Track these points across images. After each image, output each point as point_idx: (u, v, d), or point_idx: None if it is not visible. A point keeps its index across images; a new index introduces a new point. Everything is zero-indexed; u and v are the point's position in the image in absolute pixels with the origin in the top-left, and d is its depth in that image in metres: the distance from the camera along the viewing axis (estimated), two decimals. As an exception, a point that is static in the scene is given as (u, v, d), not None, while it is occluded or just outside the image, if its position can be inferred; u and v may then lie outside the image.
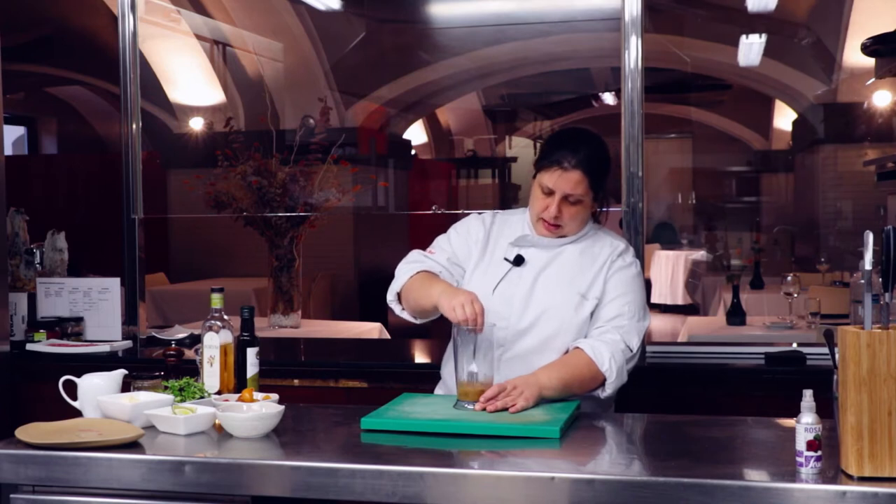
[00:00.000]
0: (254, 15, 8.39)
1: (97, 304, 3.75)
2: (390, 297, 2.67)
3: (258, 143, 4.94)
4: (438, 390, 2.73)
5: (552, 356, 2.49)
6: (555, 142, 2.57)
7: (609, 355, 2.44)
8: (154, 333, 3.96)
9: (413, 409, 2.31)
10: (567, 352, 2.51)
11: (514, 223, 2.68)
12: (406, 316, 2.65)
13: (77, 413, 2.38)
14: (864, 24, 7.20)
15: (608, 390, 2.47)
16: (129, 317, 3.93)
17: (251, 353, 2.51)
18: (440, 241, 2.73)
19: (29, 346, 3.59)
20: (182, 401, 2.35)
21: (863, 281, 1.88)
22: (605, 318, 2.52)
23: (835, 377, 1.88)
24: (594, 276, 2.55)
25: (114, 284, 3.79)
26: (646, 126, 3.44)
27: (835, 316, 4.50)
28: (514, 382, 2.36)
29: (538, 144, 13.53)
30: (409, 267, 2.65)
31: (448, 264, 2.65)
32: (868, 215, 8.24)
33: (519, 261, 2.58)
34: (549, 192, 2.52)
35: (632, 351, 2.50)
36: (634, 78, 3.44)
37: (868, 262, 1.87)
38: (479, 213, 2.75)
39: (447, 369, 2.68)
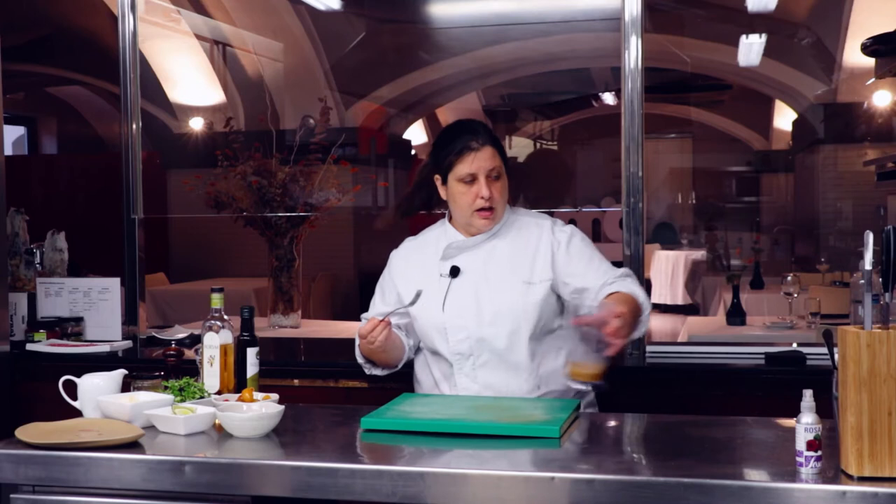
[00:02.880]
0: (254, 15, 8.39)
1: (97, 304, 3.75)
2: (359, 360, 2.72)
3: (258, 143, 4.94)
4: (416, 390, 2.76)
5: (523, 348, 2.53)
6: (448, 136, 2.60)
7: (639, 291, 2.48)
8: (154, 333, 3.95)
9: (413, 409, 2.31)
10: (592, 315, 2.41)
11: (432, 239, 2.70)
12: (379, 371, 2.71)
13: (77, 413, 2.38)
14: (864, 24, 7.20)
15: (644, 326, 2.48)
16: (129, 317, 3.93)
17: (251, 353, 2.51)
18: (373, 299, 2.76)
19: (29, 346, 3.59)
20: (182, 401, 2.35)
21: (863, 281, 1.88)
22: (596, 284, 2.51)
23: (834, 377, 1.88)
24: (533, 259, 2.57)
25: (114, 284, 3.79)
26: (646, 126, 3.44)
27: (835, 316, 4.50)
28: (609, 316, 2.26)
29: (538, 145, 13.54)
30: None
31: (381, 311, 2.63)
32: (868, 215, 8.25)
33: (455, 272, 2.60)
34: (472, 179, 2.53)
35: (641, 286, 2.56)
36: (634, 78, 3.44)
37: (868, 262, 1.87)
38: (395, 251, 2.80)
39: (423, 373, 2.71)
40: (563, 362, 2.52)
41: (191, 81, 8.64)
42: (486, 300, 2.55)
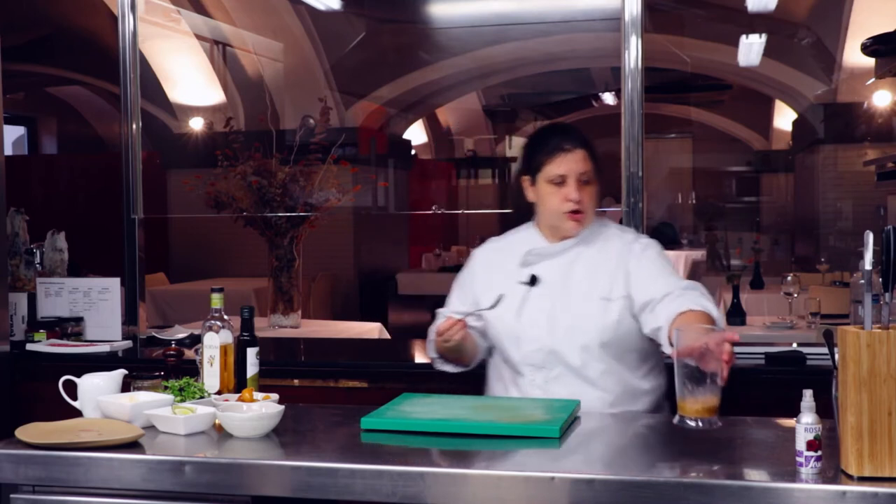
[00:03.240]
0: (254, 15, 8.39)
1: (97, 304, 3.75)
2: (437, 364, 2.72)
3: (258, 143, 4.94)
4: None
5: (596, 364, 2.47)
6: (541, 137, 2.57)
7: (710, 304, 2.36)
8: (154, 333, 3.95)
9: (413, 409, 2.31)
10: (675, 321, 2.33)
11: (517, 242, 2.63)
12: (450, 368, 2.69)
13: (77, 413, 2.38)
14: (864, 24, 7.20)
15: None
16: (129, 317, 3.93)
17: (251, 353, 2.50)
18: (451, 295, 2.74)
19: (29, 346, 3.59)
20: (182, 401, 2.35)
21: (863, 281, 1.88)
22: (658, 294, 2.41)
23: (834, 377, 1.88)
24: (613, 274, 2.51)
25: (114, 284, 3.78)
26: (646, 126, 3.44)
27: (835, 316, 4.50)
28: (715, 343, 2.04)
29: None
30: (433, 326, 2.65)
31: (460, 315, 2.59)
32: (868, 215, 8.25)
33: (534, 280, 2.55)
34: (561, 181, 2.49)
35: (712, 300, 2.41)
36: (634, 78, 3.44)
37: (868, 262, 1.87)
38: (477, 249, 2.74)
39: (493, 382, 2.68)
40: (641, 381, 2.50)
41: (191, 81, 8.64)
42: (561, 313, 2.50)
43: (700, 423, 1.94)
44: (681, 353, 1.98)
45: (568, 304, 2.50)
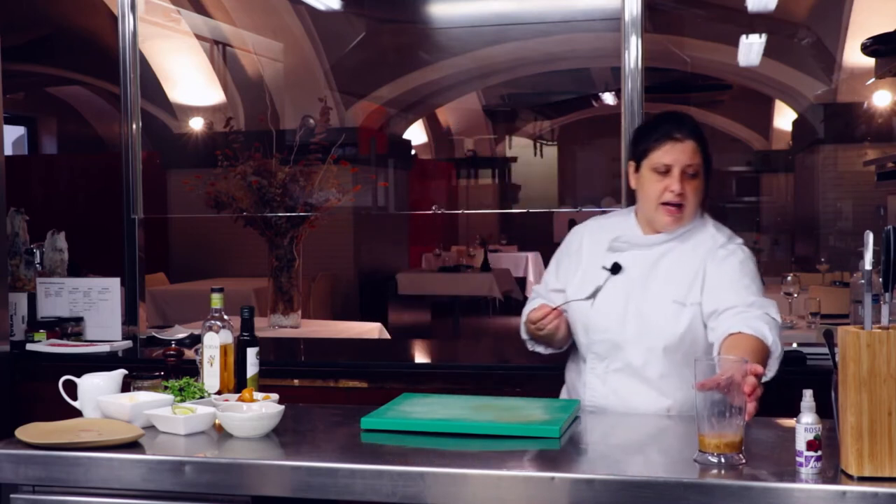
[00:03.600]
0: (254, 15, 8.39)
1: (97, 304, 3.75)
2: (528, 345, 2.65)
3: (258, 143, 4.94)
4: (563, 393, 2.68)
5: (658, 366, 2.41)
6: (652, 123, 2.47)
7: (767, 329, 2.26)
8: (154, 333, 3.95)
9: (413, 409, 2.31)
10: (725, 340, 2.29)
11: (612, 226, 2.54)
12: (542, 350, 2.62)
13: (77, 413, 2.38)
14: (864, 24, 7.20)
15: (775, 366, 2.29)
16: (129, 317, 3.93)
17: (251, 353, 2.50)
18: (548, 270, 2.66)
19: (29, 346, 3.59)
20: (182, 401, 2.35)
21: (863, 281, 1.88)
22: (722, 306, 2.34)
23: (834, 377, 1.88)
24: (693, 278, 2.41)
25: (114, 284, 3.79)
26: (646, 126, 3.44)
27: (835, 316, 4.49)
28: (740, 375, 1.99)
29: (538, 144, 13.54)
30: (528, 305, 2.60)
31: (549, 291, 2.58)
32: (868, 215, 8.25)
33: (616, 269, 2.46)
34: (666, 170, 2.38)
35: (777, 321, 2.33)
36: (634, 78, 3.44)
37: (868, 262, 1.87)
38: (579, 226, 2.62)
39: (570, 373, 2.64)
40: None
41: (191, 81, 8.64)
42: (634, 310, 2.43)
43: (722, 459, 1.87)
44: (703, 385, 1.89)
45: (641, 302, 2.42)
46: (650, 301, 2.42)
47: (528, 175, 13.58)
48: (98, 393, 2.35)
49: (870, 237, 1.86)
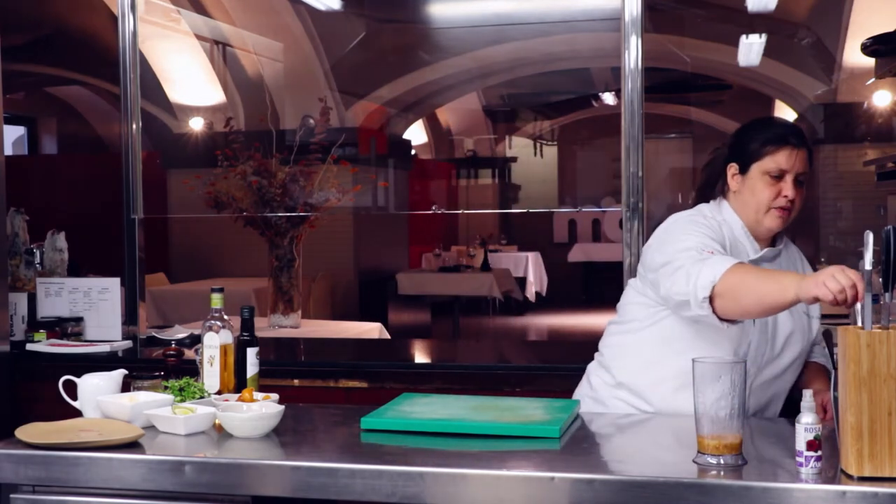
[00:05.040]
0: (254, 15, 8.40)
1: (97, 304, 3.75)
2: (704, 293, 2.12)
3: (258, 143, 4.94)
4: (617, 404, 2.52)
5: (790, 378, 2.43)
6: (765, 126, 2.39)
7: (825, 353, 2.45)
8: (154, 333, 3.95)
9: (413, 409, 2.31)
10: (804, 367, 2.48)
11: (724, 225, 2.39)
12: (714, 321, 2.16)
13: (77, 413, 2.38)
14: (864, 24, 7.20)
15: None
16: (129, 317, 3.93)
17: (251, 353, 2.50)
18: (697, 236, 2.27)
19: (29, 346, 3.59)
20: (182, 401, 2.35)
21: (863, 281, 1.88)
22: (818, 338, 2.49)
23: (833, 377, 1.88)
24: None
25: (114, 284, 3.78)
26: (646, 126, 3.44)
27: (835, 316, 4.49)
28: (825, 398, 2.31)
29: (538, 144, 13.53)
30: (715, 260, 2.15)
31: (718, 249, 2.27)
32: (868, 215, 8.25)
33: None
34: (780, 175, 2.32)
35: None
36: (634, 78, 3.44)
37: (868, 262, 1.87)
38: (687, 214, 2.42)
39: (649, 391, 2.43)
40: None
41: (191, 81, 8.65)
42: (780, 322, 2.36)
43: (721, 461, 1.86)
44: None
45: (784, 315, 2.34)
46: (789, 313, 2.35)
47: (528, 175, 13.59)
48: (98, 393, 2.34)
49: (870, 237, 1.86)
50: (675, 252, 2.25)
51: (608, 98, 11.06)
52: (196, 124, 8.60)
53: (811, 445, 1.80)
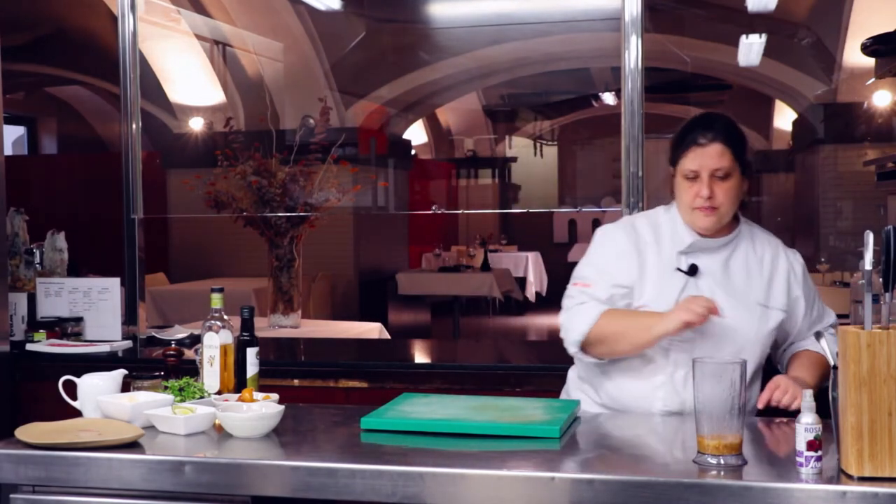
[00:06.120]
0: (254, 15, 8.40)
1: (97, 304, 3.75)
2: (574, 348, 2.43)
3: (258, 143, 4.94)
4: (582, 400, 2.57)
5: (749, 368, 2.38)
6: (684, 128, 2.47)
7: (829, 347, 2.34)
8: (154, 333, 3.95)
9: (413, 409, 2.31)
10: (794, 355, 2.51)
11: (664, 225, 2.50)
12: (590, 360, 2.43)
13: (77, 413, 2.38)
14: (864, 24, 7.20)
15: (826, 379, 2.35)
16: (129, 317, 3.93)
17: (251, 353, 2.50)
18: (587, 270, 2.48)
19: (29, 346, 3.59)
20: (182, 401, 2.35)
21: (863, 281, 1.88)
22: (810, 325, 2.50)
23: (832, 377, 1.88)
24: (770, 281, 2.44)
25: (114, 284, 3.78)
26: (646, 126, 3.44)
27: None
28: (785, 383, 2.34)
29: (538, 144, 13.55)
30: (584, 310, 2.40)
31: (615, 290, 2.43)
32: (868, 215, 8.25)
33: (693, 270, 2.42)
34: (695, 176, 2.39)
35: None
36: (634, 78, 3.44)
37: (868, 262, 1.87)
38: (613, 225, 2.55)
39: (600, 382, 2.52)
40: (754, 393, 2.43)
41: (191, 81, 8.65)
42: (722, 312, 2.35)
43: (722, 461, 1.86)
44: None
45: (725, 303, 2.36)
46: (736, 303, 2.39)
47: (528, 175, 13.59)
48: (98, 393, 2.34)
49: (870, 237, 1.86)
50: (574, 277, 2.50)
51: (608, 98, 11.06)
52: (196, 124, 8.60)
53: (811, 445, 1.80)
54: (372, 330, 5.09)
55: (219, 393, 2.48)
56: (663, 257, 2.44)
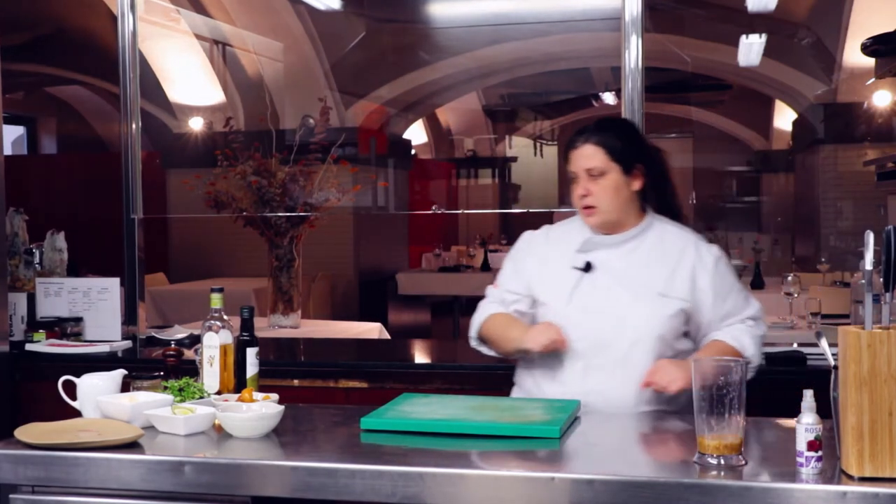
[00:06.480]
0: (254, 15, 8.39)
1: (97, 304, 3.75)
2: (474, 342, 2.70)
3: (258, 143, 4.94)
4: (516, 393, 2.69)
5: (640, 359, 2.44)
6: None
7: (751, 342, 2.49)
8: (154, 333, 3.95)
9: (413, 409, 2.31)
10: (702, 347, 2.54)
11: (573, 230, 2.62)
12: (491, 353, 2.68)
13: (77, 413, 2.37)
14: (864, 24, 7.20)
15: (750, 375, 2.40)
16: (129, 317, 3.93)
17: (251, 353, 2.50)
18: (503, 272, 2.68)
19: (28, 347, 3.59)
20: (182, 401, 2.35)
21: (863, 281, 1.87)
22: (723, 316, 2.52)
23: (832, 377, 1.88)
24: (672, 272, 2.50)
25: (113, 284, 3.78)
26: (646, 126, 3.44)
27: (835, 316, 4.49)
28: (665, 366, 2.39)
29: (538, 144, 13.57)
30: (484, 308, 2.66)
31: (515, 295, 2.62)
32: (868, 215, 8.25)
33: (588, 267, 2.52)
34: (575, 177, 2.53)
35: (764, 333, 2.56)
36: (635, 78, 3.44)
37: (869, 262, 1.87)
38: (531, 232, 2.70)
39: (522, 376, 2.66)
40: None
41: (191, 81, 8.64)
42: (614, 303, 2.48)
43: (722, 461, 1.87)
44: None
45: (621, 295, 2.48)
46: (631, 293, 2.48)
47: (528, 175, 13.57)
48: (97, 393, 2.34)
49: (870, 237, 1.86)
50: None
51: (608, 98, 11.05)
52: (196, 124, 8.59)
53: (811, 445, 1.80)
54: (372, 330, 5.08)
55: (218, 393, 2.48)
56: (565, 257, 2.57)
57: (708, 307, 2.51)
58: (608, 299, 2.49)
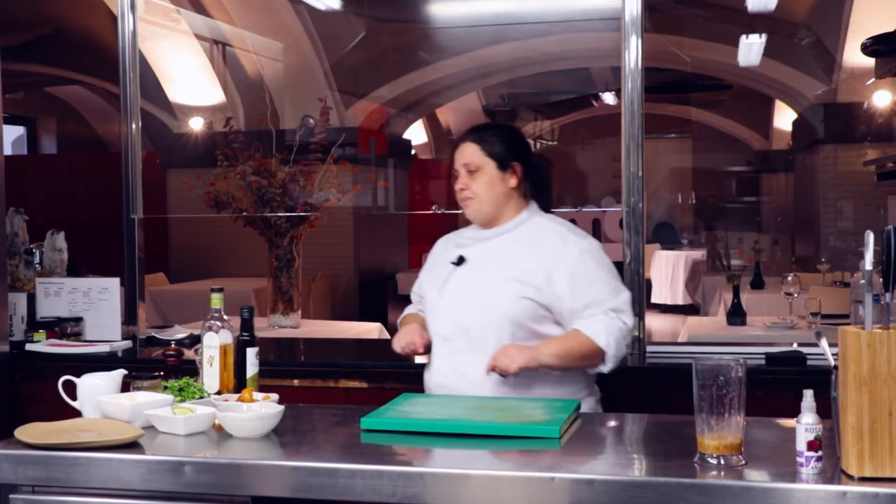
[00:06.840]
0: (254, 15, 8.39)
1: (97, 304, 3.75)
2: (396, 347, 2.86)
3: (258, 143, 4.94)
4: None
5: (494, 340, 2.54)
6: None
7: (605, 331, 2.54)
8: (154, 333, 3.95)
9: (413, 409, 2.31)
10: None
11: (469, 232, 2.80)
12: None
13: (77, 413, 2.38)
14: (864, 24, 7.20)
15: (609, 364, 2.57)
16: (129, 317, 3.93)
17: (251, 353, 2.50)
18: (420, 277, 2.88)
19: (28, 347, 3.59)
20: (182, 401, 2.35)
21: (863, 281, 1.87)
22: (584, 306, 2.58)
23: (833, 377, 1.88)
24: (530, 261, 2.60)
25: (113, 284, 3.78)
26: (646, 126, 3.44)
27: (835, 316, 4.49)
28: (509, 349, 2.49)
29: (538, 144, 13.56)
30: (405, 309, 2.93)
31: (417, 296, 2.86)
32: (868, 215, 8.25)
33: (461, 260, 2.69)
34: (456, 174, 2.72)
35: (626, 325, 2.60)
36: (634, 78, 3.44)
37: (869, 262, 1.86)
38: (444, 237, 2.89)
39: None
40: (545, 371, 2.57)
41: (191, 81, 8.64)
42: (473, 289, 2.62)
43: (722, 461, 1.87)
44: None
45: (481, 282, 2.62)
46: (490, 280, 2.61)
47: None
48: (98, 393, 2.34)
49: (870, 237, 1.86)
50: None
51: (608, 98, 11.05)
52: (196, 124, 8.60)
53: (811, 445, 1.80)
54: (372, 330, 5.09)
55: (218, 393, 2.48)
56: (448, 255, 2.74)
57: (567, 296, 2.57)
58: (470, 287, 2.63)
